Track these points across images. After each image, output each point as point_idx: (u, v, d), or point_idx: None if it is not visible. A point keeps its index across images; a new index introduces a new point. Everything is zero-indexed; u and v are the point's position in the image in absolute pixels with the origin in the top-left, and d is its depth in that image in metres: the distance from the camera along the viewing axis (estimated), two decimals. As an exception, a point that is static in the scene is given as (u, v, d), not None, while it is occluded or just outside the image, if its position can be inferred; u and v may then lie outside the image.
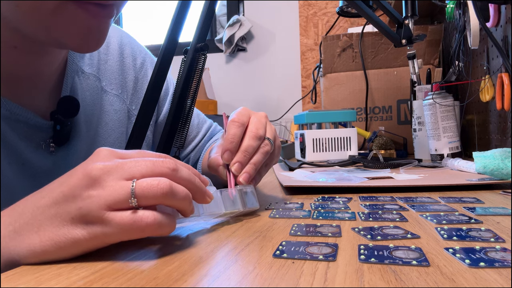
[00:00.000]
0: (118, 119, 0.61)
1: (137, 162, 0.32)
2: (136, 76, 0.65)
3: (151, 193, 0.30)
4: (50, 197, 0.31)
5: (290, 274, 0.26)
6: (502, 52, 0.78)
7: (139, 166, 0.32)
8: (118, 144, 0.60)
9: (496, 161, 0.59)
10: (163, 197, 0.31)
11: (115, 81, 0.61)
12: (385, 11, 0.89)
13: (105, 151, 0.33)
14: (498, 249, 0.30)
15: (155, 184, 0.30)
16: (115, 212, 0.30)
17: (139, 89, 0.66)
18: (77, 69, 0.55)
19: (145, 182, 0.30)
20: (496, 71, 0.90)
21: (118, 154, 0.33)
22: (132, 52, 0.66)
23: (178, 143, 0.52)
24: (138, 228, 0.30)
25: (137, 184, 0.30)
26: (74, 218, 0.30)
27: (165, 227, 0.31)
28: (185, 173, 0.34)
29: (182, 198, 0.32)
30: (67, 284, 0.26)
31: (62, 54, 0.50)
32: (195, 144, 0.75)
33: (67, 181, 0.31)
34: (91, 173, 0.30)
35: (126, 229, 0.29)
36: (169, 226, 0.31)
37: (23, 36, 0.42)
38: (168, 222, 0.31)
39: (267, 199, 0.55)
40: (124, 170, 0.31)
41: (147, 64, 0.68)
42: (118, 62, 0.63)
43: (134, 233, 0.30)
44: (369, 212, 0.44)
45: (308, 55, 2.11)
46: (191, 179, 0.34)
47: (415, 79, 1.03)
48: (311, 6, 2.09)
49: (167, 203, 0.32)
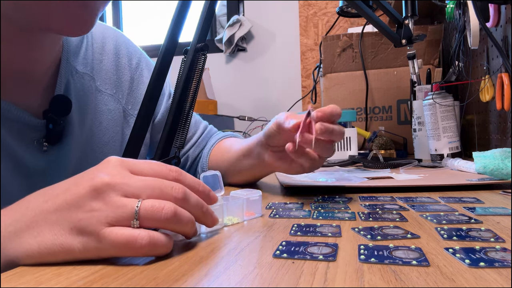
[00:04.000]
0: (112, 118, 0.60)
1: (145, 181, 0.31)
2: (131, 76, 0.65)
3: (155, 217, 0.30)
4: (54, 203, 0.30)
5: (290, 274, 0.26)
6: (502, 52, 0.78)
7: (146, 187, 0.31)
8: (113, 143, 0.60)
9: (496, 161, 0.59)
10: (166, 222, 0.30)
11: (109, 80, 0.61)
12: (385, 11, 0.89)
13: (114, 160, 0.32)
14: (498, 249, 0.30)
15: (160, 208, 0.30)
16: (112, 228, 0.29)
17: (135, 89, 0.66)
18: (71, 68, 0.54)
19: (150, 205, 0.30)
20: (496, 71, 0.90)
21: (128, 165, 0.33)
22: (128, 53, 0.66)
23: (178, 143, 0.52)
24: (132, 248, 0.29)
25: (142, 206, 0.30)
26: (73, 228, 0.29)
27: (160, 248, 0.30)
28: (193, 200, 0.33)
29: (185, 224, 0.32)
30: (67, 284, 0.26)
31: (54, 51, 0.50)
32: (194, 141, 0.76)
33: (72, 189, 0.31)
34: (97, 185, 0.30)
35: (119, 247, 0.29)
36: (165, 247, 0.31)
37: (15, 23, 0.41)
38: (165, 243, 0.30)
39: (267, 199, 0.55)
40: (130, 187, 0.31)
41: (142, 64, 0.68)
42: (113, 62, 0.63)
43: (127, 252, 0.30)
44: (369, 212, 0.44)
45: (308, 55, 2.11)
46: (199, 206, 0.34)
47: (415, 79, 1.03)
48: (311, 6, 2.09)
49: (170, 228, 0.31)
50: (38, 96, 0.50)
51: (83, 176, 0.31)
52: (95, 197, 0.30)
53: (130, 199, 0.30)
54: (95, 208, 0.29)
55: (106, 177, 0.30)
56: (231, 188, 0.67)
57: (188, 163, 0.76)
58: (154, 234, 0.30)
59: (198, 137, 0.76)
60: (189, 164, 0.76)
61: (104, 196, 0.30)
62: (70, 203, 0.30)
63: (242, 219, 0.43)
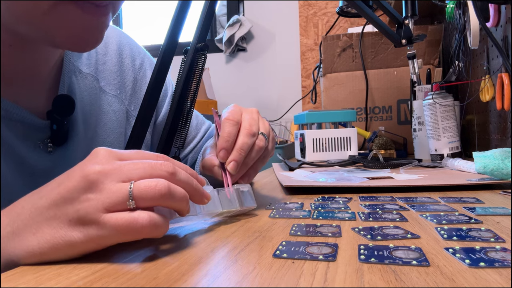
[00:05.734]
0: (116, 119, 0.60)
1: (135, 164, 0.32)
2: (135, 77, 0.65)
3: (149, 194, 0.30)
4: (48, 199, 0.30)
5: (290, 274, 0.26)
6: (502, 52, 0.78)
7: (137, 168, 0.32)
8: (117, 144, 0.60)
9: (496, 161, 0.59)
10: (161, 198, 0.31)
11: (113, 81, 0.61)
12: (385, 11, 0.89)
13: (103, 151, 0.33)
14: (498, 249, 0.30)
15: (153, 185, 0.31)
16: (111, 214, 0.30)
17: (138, 90, 0.65)
18: (74, 69, 0.54)
19: (143, 184, 0.30)
20: (496, 71, 0.90)
21: (117, 154, 0.33)
22: (131, 53, 0.66)
23: (178, 143, 0.52)
24: (134, 229, 0.29)
25: (135, 186, 0.30)
26: (71, 220, 0.30)
27: (160, 228, 0.31)
28: (183, 175, 0.34)
29: (180, 199, 0.32)
30: (67, 284, 0.26)
31: (58, 52, 0.50)
32: (193, 146, 0.75)
33: (64, 182, 0.31)
34: (89, 176, 0.30)
35: (121, 231, 0.29)
36: (164, 227, 0.31)
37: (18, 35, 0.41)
38: (163, 223, 0.31)
39: (267, 199, 0.55)
40: (122, 172, 0.31)
41: (146, 65, 0.68)
42: (116, 62, 0.62)
43: (130, 235, 0.30)
44: (369, 212, 0.44)
45: (308, 55, 2.11)
46: (189, 181, 0.35)
47: (415, 79, 1.03)
48: (311, 6, 2.09)
49: (165, 205, 0.32)
50: (42, 96, 0.50)
51: (74, 170, 0.32)
52: (89, 187, 0.30)
53: (123, 183, 0.31)
54: (91, 198, 0.30)
55: (97, 166, 0.31)
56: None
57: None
58: (153, 214, 0.30)
59: (198, 141, 0.76)
60: None
61: (98, 184, 0.30)
62: (64, 196, 0.30)
63: (237, 208, 0.43)
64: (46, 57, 0.48)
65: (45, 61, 0.48)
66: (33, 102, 0.49)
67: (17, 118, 0.46)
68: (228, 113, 0.49)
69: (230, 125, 0.47)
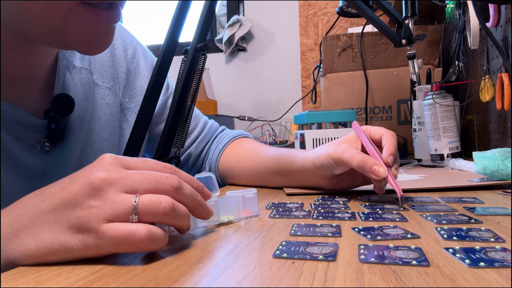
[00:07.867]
0: (110, 113, 0.59)
1: (141, 175, 0.32)
2: (128, 68, 0.64)
3: (153, 211, 0.30)
4: (51, 202, 0.30)
5: (290, 274, 0.26)
6: (502, 52, 0.78)
7: (143, 179, 0.31)
8: (111, 139, 0.59)
9: (496, 162, 0.59)
10: (164, 216, 0.31)
11: (106, 73, 0.60)
12: (385, 11, 0.89)
13: (109, 158, 0.32)
14: (498, 249, 0.30)
15: (157, 202, 0.30)
16: (110, 224, 0.29)
17: (132, 81, 0.64)
18: (69, 64, 0.54)
19: (147, 199, 0.30)
20: (496, 71, 0.90)
21: (123, 162, 0.33)
22: (123, 43, 0.64)
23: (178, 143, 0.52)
24: (131, 243, 0.29)
25: (140, 201, 0.30)
26: (71, 226, 0.29)
27: (159, 241, 0.30)
28: (188, 190, 0.34)
29: (182, 217, 0.32)
30: (67, 284, 0.26)
31: (55, 52, 0.50)
32: (195, 137, 0.74)
33: (68, 187, 0.31)
34: (93, 182, 0.30)
35: (119, 243, 0.29)
36: (163, 241, 0.31)
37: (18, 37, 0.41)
38: (163, 236, 0.31)
39: (267, 199, 0.55)
40: (127, 182, 0.31)
41: (138, 54, 0.66)
42: (108, 53, 0.61)
43: (127, 248, 0.30)
44: (369, 212, 0.44)
45: (308, 55, 2.11)
46: (193, 196, 0.34)
47: (415, 79, 1.03)
48: (311, 6, 2.09)
49: (167, 222, 0.32)
50: (38, 95, 0.50)
51: (79, 174, 0.31)
52: (92, 194, 0.30)
53: (127, 194, 0.30)
54: (93, 205, 0.29)
55: (102, 173, 0.31)
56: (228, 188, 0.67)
57: (191, 160, 0.74)
58: (152, 228, 0.30)
59: (199, 132, 0.74)
60: (192, 161, 0.74)
61: (102, 193, 0.30)
62: (67, 201, 0.30)
63: (238, 217, 0.43)
64: (44, 57, 0.48)
65: (43, 62, 0.48)
66: (28, 101, 0.48)
67: (14, 119, 0.46)
68: (385, 130, 0.55)
69: (394, 138, 0.53)
